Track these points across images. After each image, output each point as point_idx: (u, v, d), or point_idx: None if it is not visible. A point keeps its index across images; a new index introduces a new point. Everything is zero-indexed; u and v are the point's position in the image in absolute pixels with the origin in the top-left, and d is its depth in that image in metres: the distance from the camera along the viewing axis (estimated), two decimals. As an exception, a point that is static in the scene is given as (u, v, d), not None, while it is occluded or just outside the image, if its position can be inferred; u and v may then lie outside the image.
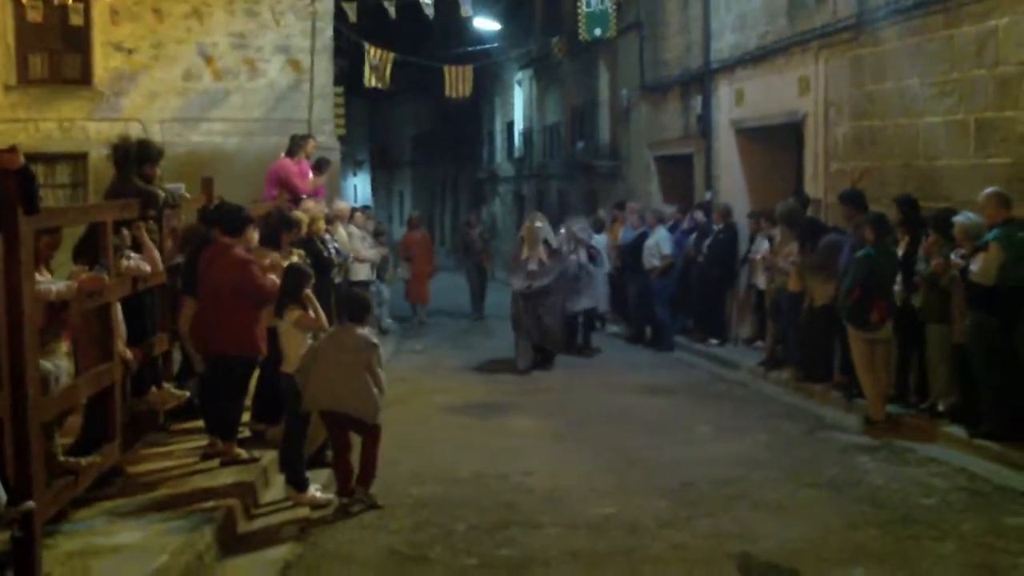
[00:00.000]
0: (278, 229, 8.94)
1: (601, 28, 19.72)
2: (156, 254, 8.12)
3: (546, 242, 14.08)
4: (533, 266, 13.86)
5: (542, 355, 14.00)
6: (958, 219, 9.27)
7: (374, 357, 7.56)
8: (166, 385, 8.54)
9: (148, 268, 7.88)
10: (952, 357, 9.48)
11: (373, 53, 19.35)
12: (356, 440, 7.75)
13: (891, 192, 11.06)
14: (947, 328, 9.47)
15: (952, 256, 9.20)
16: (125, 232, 7.89)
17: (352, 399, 7.49)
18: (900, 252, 10.14)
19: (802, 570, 6.27)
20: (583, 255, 14.97)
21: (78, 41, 15.84)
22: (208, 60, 16.05)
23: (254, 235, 8.50)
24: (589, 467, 8.82)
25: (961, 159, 10.13)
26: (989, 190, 9.04)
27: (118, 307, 7.38)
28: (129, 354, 7.47)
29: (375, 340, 7.71)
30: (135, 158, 8.30)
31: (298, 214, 9.52)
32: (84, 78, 15.94)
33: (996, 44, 9.60)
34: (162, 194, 8.40)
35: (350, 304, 8.00)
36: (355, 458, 7.72)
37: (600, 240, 16.09)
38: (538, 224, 14.25)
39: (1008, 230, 8.72)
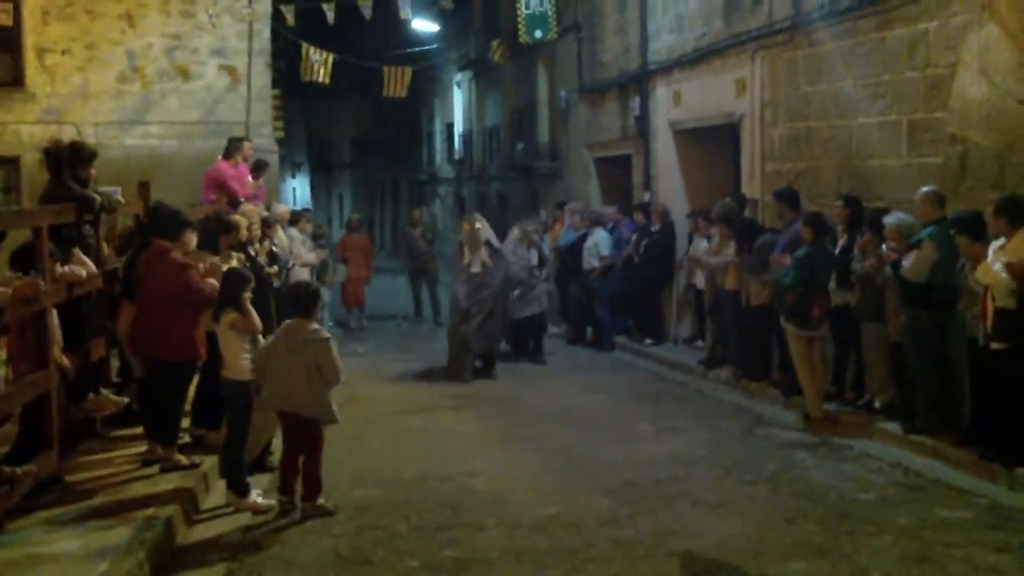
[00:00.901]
0: (216, 232, 8.86)
1: (541, 30, 19.75)
2: (85, 258, 8.01)
3: (488, 243, 13.78)
4: (476, 268, 13.52)
5: (483, 362, 13.68)
6: (888, 219, 9.46)
7: (324, 353, 7.48)
8: (104, 391, 8.44)
9: (83, 273, 7.78)
10: (888, 354, 9.67)
11: (313, 51, 19.25)
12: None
13: (826, 192, 11.24)
14: (883, 326, 9.64)
15: (884, 248, 9.37)
16: (76, 251, 7.82)
17: (302, 399, 7.45)
18: (837, 250, 10.32)
19: (742, 566, 6.35)
20: (534, 257, 14.69)
21: (8, 42, 15.57)
22: (136, 69, 15.82)
23: (192, 239, 8.43)
24: (532, 467, 8.85)
25: (894, 159, 10.31)
26: (925, 189, 9.22)
27: (54, 313, 7.29)
28: (65, 361, 7.38)
29: (326, 335, 7.63)
30: (67, 161, 8.18)
31: (237, 218, 9.45)
32: (16, 80, 15.66)
33: (926, 47, 9.78)
34: (98, 198, 8.30)
35: (296, 296, 7.90)
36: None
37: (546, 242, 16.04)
38: (478, 226, 13.86)
39: (942, 228, 8.90)
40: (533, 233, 14.90)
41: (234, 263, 8.70)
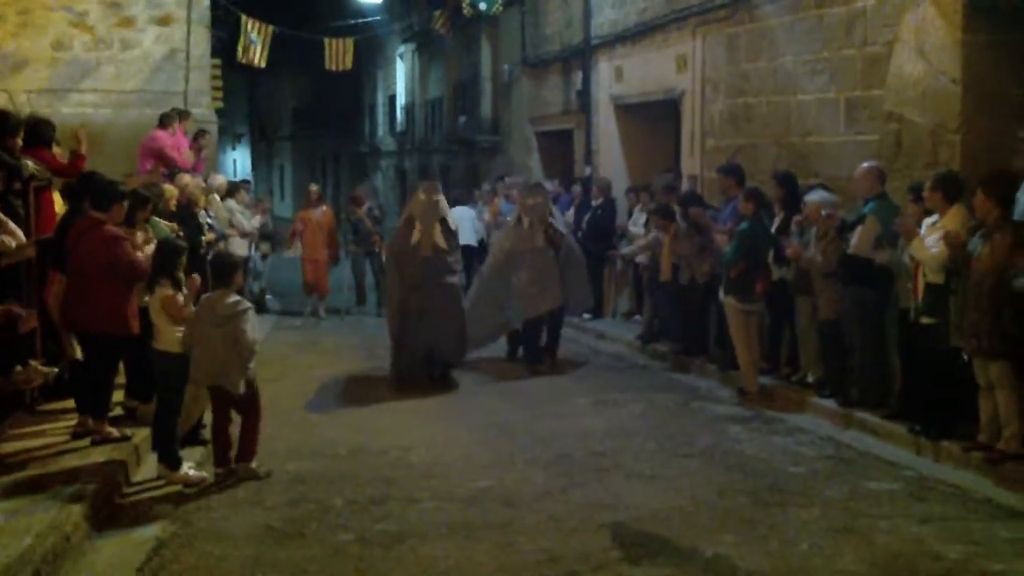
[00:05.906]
0: (132, 207, 8.60)
1: (486, 3, 19.54)
2: (15, 227, 7.85)
3: (443, 221, 11.31)
4: (427, 251, 11.06)
5: (436, 368, 11.39)
6: (810, 196, 9.56)
7: (241, 322, 7.42)
8: (33, 363, 8.30)
9: (12, 243, 7.64)
10: (816, 330, 9.77)
11: (251, 26, 18.93)
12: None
13: (765, 168, 11.31)
14: (815, 301, 9.74)
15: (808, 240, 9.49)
16: (5, 220, 7.66)
17: (223, 370, 7.40)
18: (773, 228, 10.38)
19: (673, 538, 6.40)
20: (538, 238, 11.96)
21: (-62, 7, 15.19)
22: (71, 36, 15.47)
23: (124, 210, 8.28)
24: (468, 441, 8.85)
25: (832, 136, 10.41)
26: (866, 164, 9.30)
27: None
28: (-9, 331, 7.25)
29: (245, 304, 7.55)
30: None
31: (168, 187, 9.27)
32: (-55, 47, 15.29)
33: (864, 24, 9.87)
34: (27, 167, 8.15)
35: (214, 267, 7.98)
36: (236, 430, 7.68)
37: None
38: (435, 198, 11.33)
39: (883, 204, 9.00)
40: (536, 208, 12.01)
41: (149, 235, 8.54)
